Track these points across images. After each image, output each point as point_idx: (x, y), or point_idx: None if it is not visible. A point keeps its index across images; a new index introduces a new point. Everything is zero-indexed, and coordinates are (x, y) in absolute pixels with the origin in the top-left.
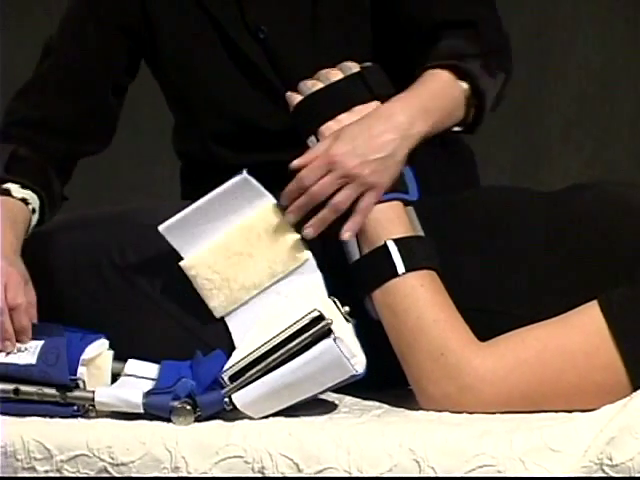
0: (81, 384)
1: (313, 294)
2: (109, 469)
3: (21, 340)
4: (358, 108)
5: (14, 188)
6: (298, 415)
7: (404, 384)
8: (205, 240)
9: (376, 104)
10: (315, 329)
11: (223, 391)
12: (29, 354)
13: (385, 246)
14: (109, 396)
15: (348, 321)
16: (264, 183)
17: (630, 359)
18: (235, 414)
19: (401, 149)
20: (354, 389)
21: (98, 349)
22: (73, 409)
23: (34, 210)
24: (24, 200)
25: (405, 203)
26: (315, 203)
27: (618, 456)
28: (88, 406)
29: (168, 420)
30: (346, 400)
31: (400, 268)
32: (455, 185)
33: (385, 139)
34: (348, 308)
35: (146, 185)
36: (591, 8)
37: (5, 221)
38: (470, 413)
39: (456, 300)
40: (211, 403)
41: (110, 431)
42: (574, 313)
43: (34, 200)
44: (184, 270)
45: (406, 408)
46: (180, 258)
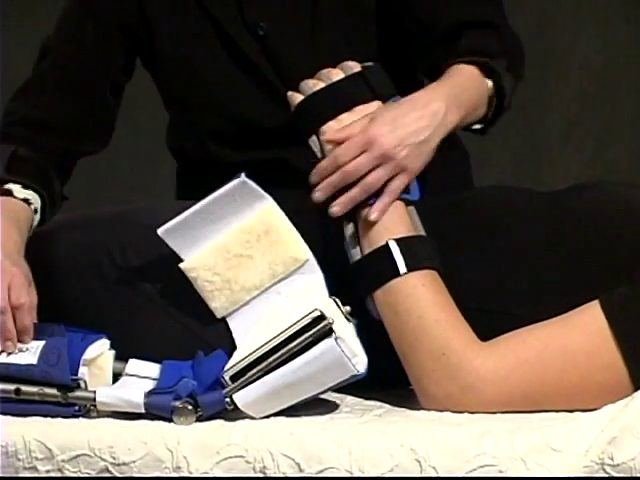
0: (82, 384)
1: (314, 294)
2: (110, 469)
3: (23, 340)
4: (359, 108)
5: (16, 188)
6: (299, 415)
7: (405, 384)
8: (205, 242)
9: (377, 104)
10: (316, 329)
11: (224, 391)
12: (30, 354)
13: (387, 246)
14: (110, 396)
15: (349, 321)
16: (263, 181)
17: (631, 359)
18: (236, 414)
19: (435, 136)
20: (355, 389)
21: (99, 349)
22: (74, 409)
23: (36, 210)
24: (26, 200)
25: (407, 203)
26: (347, 182)
27: (619, 456)
28: (89, 406)
29: (169, 420)
30: (347, 400)
31: (402, 268)
32: (449, 185)
33: (421, 125)
34: (349, 308)
35: (146, 185)
36: (592, 8)
37: (8, 221)
38: (471, 413)
39: (456, 300)
40: (212, 403)
41: (111, 431)
42: (575, 313)
43: (36, 200)
44: (184, 272)
45: (407, 408)
46: (181, 259)
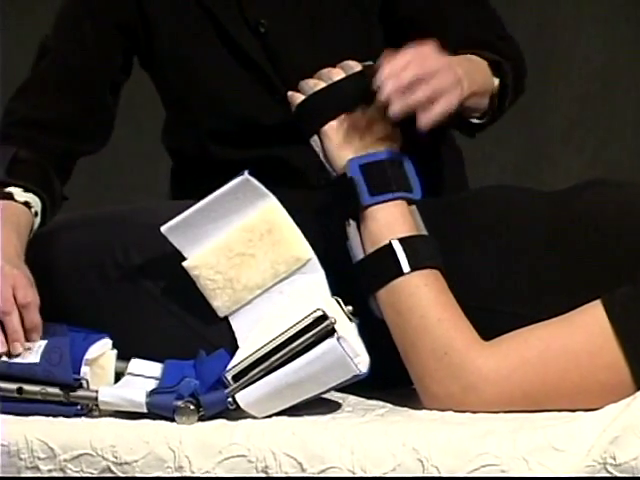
0: (84, 383)
1: (316, 293)
2: (112, 468)
3: (32, 338)
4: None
5: (17, 192)
6: (301, 414)
7: (407, 383)
8: (207, 241)
9: None
10: (318, 328)
11: (226, 390)
12: (32, 353)
13: (390, 245)
14: (112, 395)
15: (351, 320)
16: (263, 180)
17: (633, 358)
18: (238, 413)
19: (462, 91)
20: (357, 388)
21: (101, 348)
22: (77, 408)
23: (36, 213)
24: (27, 204)
25: (409, 202)
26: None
27: (622, 455)
28: (92, 405)
29: (171, 419)
30: (350, 399)
31: (405, 267)
32: (448, 185)
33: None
34: (351, 307)
35: (147, 184)
36: (593, 8)
37: (9, 225)
38: (473, 412)
39: (457, 299)
40: (214, 402)
41: (113, 430)
42: (577, 313)
43: (36, 203)
44: (187, 270)
45: (409, 407)
46: (183, 258)
